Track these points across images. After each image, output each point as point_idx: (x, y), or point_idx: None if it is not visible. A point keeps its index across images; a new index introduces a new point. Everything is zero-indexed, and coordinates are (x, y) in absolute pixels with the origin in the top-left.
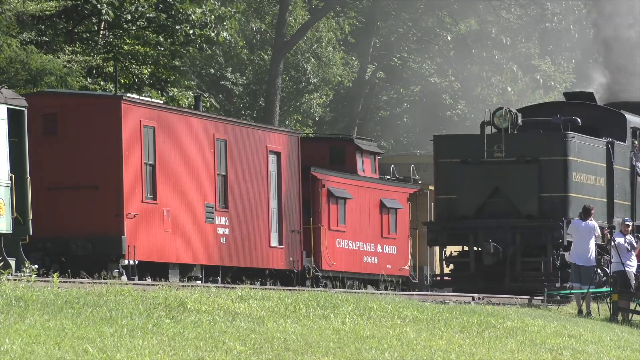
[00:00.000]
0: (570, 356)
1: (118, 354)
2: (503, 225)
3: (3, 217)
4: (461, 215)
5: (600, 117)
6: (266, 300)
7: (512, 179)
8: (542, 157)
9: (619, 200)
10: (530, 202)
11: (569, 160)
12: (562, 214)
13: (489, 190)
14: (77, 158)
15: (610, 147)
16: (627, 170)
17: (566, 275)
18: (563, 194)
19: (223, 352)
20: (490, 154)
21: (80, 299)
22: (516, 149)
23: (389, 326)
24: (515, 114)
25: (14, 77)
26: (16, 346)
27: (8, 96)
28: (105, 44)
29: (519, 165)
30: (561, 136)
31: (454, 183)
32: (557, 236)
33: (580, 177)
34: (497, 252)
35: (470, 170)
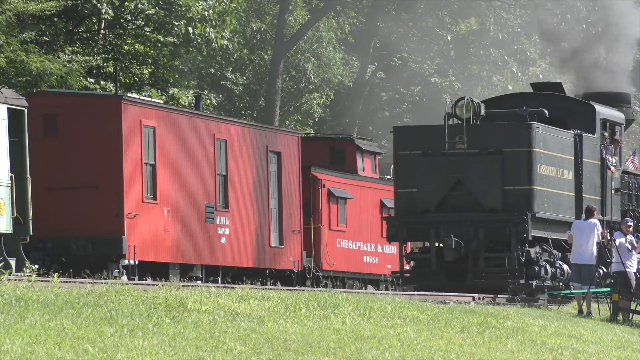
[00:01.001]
0: (570, 356)
1: (118, 354)
2: (465, 219)
3: (3, 217)
4: (422, 209)
5: (569, 108)
6: (266, 300)
7: (474, 171)
8: (506, 149)
9: (588, 195)
10: (494, 196)
11: (533, 152)
12: (527, 208)
13: (451, 183)
14: (77, 158)
15: (579, 140)
16: (596, 164)
17: (532, 272)
18: (527, 187)
19: (223, 352)
20: (451, 145)
21: (80, 299)
22: (479, 140)
23: (389, 326)
24: (477, 104)
25: (14, 77)
26: (16, 346)
27: (8, 96)
28: (105, 43)
29: (482, 157)
30: (525, 127)
31: (414, 176)
32: (521, 231)
33: (546, 169)
34: (459, 247)
35: (431, 162)
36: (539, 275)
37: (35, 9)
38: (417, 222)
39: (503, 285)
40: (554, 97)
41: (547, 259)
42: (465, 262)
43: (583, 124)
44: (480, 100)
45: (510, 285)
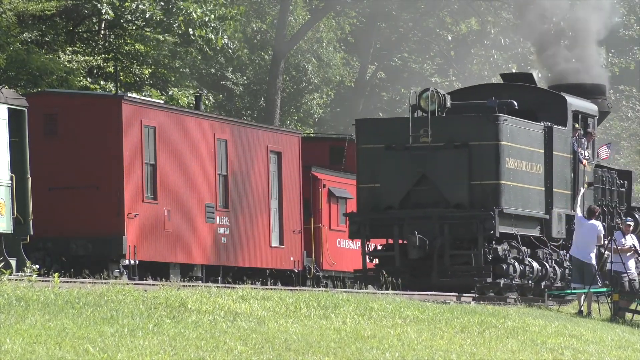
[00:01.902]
0: (571, 356)
1: (119, 353)
2: (430, 215)
3: (4, 217)
4: (385, 205)
5: (540, 100)
6: (267, 300)
7: (439, 165)
8: (472, 142)
9: (558, 189)
10: (460, 191)
11: (501, 145)
12: (494, 203)
13: (415, 178)
14: (77, 158)
15: (549, 132)
16: (567, 157)
17: (499, 270)
18: (495, 182)
19: (224, 352)
20: (416, 138)
21: (81, 299)
22: (444, 133)
23: (389, 326)
24: (443, 96)
25: (14, 76)
26: (17, 346)
27: (9, 96)
28: (105, 43)
29: (447, 150)
30: (492, 119)
31: (377, 171)
32: (488, 227)
33: (515, 163)
34: (424, 244)
35: (394, 156)
36: (507, 274)
37: (35, 9)
38: (380, 219)
39: (469, 283)
40: (524, 89)
41: (516, 257)
42: (431, 260)
43: (554, 116)
44: (447, 91)
45: (477, 284)
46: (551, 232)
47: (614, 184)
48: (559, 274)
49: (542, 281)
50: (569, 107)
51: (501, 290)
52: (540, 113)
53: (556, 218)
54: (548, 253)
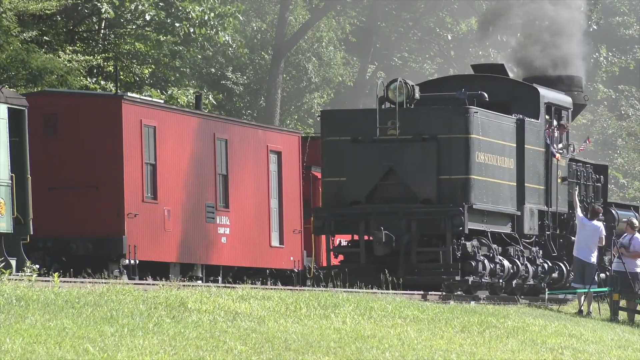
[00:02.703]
0: (571, 356)
1: (119, 353)
2: (397, 211)
3: (4, 216)
4: (351, 200)
5: (512, 91)
6: (267, 300)
7: (407, 159)
8: (441, 135)
9: (531, 184)
10: (428, 185)
11: (471, 139)
12: (463, 199)
13: (382, 171)
14: (77, 158)
15: (521, 125)
16: (540, 151)
17: (468, 268)
18: (464, 176)
19: (224, 351)
20: (383, 131)
21: (81, 299)
22: (413, 125)
23: (389, 326)
24: (412, 87)
25: (14, 76)
26: (17, 346)
27: (9, 96)
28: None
29: (415, 143)
30: (462, 111)
31: (343, 164)
32: (457, 223)
33: (485, 157)
34: (390, 241)
35: (361, 149)
36: (476, 271)
37: (35, 8)
38: (346, 214)
39: (437, 281)
40: (495, 80)
41: (486, 254)
42: (397, 257)
43: (526, 108)
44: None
45: (444, 282)
46: (523, 228)
47: (589, 179)
48: (531, 272)
49: (514, 279)
50: (541, 99)
51: (470, 288)
52: (512, 105)
53: (528, 214)
54: (520, 250)
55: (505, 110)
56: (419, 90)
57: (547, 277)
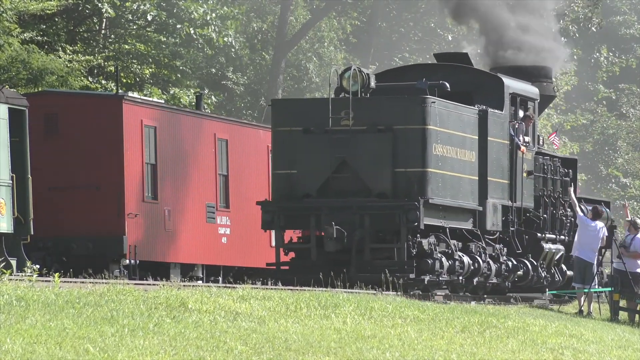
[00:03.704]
0: (571, 356)
1: (119, 353)
2: (349, 205)
3: (4, 216)
4: (302, 193)
5: (475, 81)
6: (267, 300)
7: (361, 151)
8: (397, 126)
9: (494, 178)
10: (383, 179)
11: (428, 130)
12: (420, 193)
13: (335, 164)
14: (78, 158)
15: (483, 116)
16: (504, 143)
17: (424, 266)
18: (421, 169)
19: (224, 352)
20: (336, 121)
21: (81, 299)
22: (367, 116)
23: (390, 326)
24: (367, 75)
25: (15, 76)
26: (17, 346)
27: (9, 96)
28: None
29: (370, 134)
30: (419, 101)
31: (294, 156)
32: (412, 219)
33: (444, 149)
34: (342, 237)
35: (312, 140)
36: (433, 269)
37: (36, 8)
38: (296, 208)
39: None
40: (458, 69)
41: (444, 251)
42: (349, 253)
43: (490, 99)
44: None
45: (399, 281)
46: (485, 224)
47: (556, 173)
48: (493, 269)
49: (475, 277)
50: (506, 89)
51: (427, 287)
52: (475, 95)
53: (491, 209)
54: (482, 247)
55: (468, 100)
56: (375, 79)
57: (511, 275)
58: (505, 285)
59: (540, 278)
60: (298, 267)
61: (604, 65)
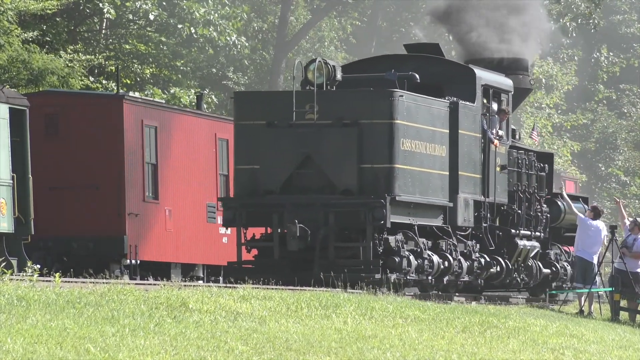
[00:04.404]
0: (572, 356)
1: (120, 353)
2: (313, 202)
3: (5, 216)
4: (265, 190)
5: (446, 73)
6: (268, 300)
7: (326, 146)
8: (363, 120)
9: (465, 173)
10: (348, 175)
11: (395, 124)
12: (386, 190)
13: (298, 159)
14: (78, 158)
15: (454, 109)
16: (476, 137)
17: (392, 264)
18: (388, 165)
19: (225, 352)
20: (300, 115)
21: (82, 299)
22: (333, 109)
23: (390, 326)
24: (333, 67)
25: (15, 76)
26: (18, 346)
27: (10, 96)
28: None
29: (335, 129)
30: (386, 94)
31: (257, 150)
32: (378, 216)
33: (412, 144)
34: (305, 235)
35: (276, 135)
36: (400, 268)
37: (36, 8)
38: (259, 205)
39: (356, 279)
40: (429, 60)
41: (413, 249)
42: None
43: (462, 90)
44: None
45: (365, 280)
46: (456, 220)
47: (531, 167)
48: (465, 267)
49: (445, 276)
50: (478, 81)
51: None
52: (446, 87)
53: (462, 204)
54: (452, 244)
55: (438, 92)
56: (344, 70)
57: (484, 273)
58: (478, 283)
59: (514, 276)
60: (260, 266)
61: (604, 65)
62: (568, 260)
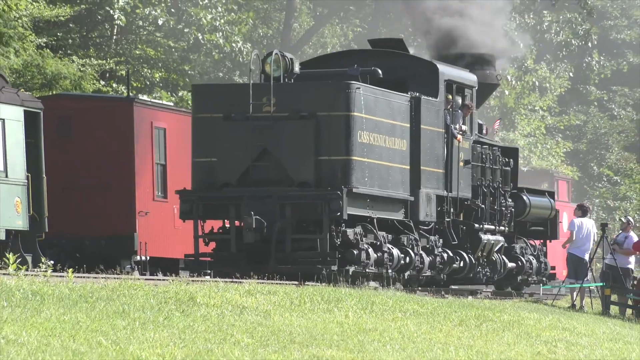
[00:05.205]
0: (564, 348)
1: (130, 346)
2: (270, 195)
3: (20, 214)
4: (222, 182)
5: (410, 68)
6: (272, 294)
7: (283, 138)
8: (320, 113)
9: (427, 168)
10: (305, 167)
11: (352, 117)
12: (343, 182)
13: (256, 152)
14: (90, 158)
15: (416, 104)
16: (439, 132)
17: (350, 257)
18: (345, 158)
19: (231, 344)
20: (257, 108)
21: (94, 294)
22: (290, 102)
23: (390, 319)
24: (290, 60)
25: (30, 80)
26: (33, 338)
27: (25, 99)
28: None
29: (293, 121)
30: (343, 87)
31: (214, 143)
32: (334, 208)
33: (371, 137)
34: (261, 227)
35: (233, 127)
36: (359, 260)
37: (50, 15)
38: (216, 198)
39: (313, 271)
40: (393, 56)
41: (372, 242)
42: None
43: (425, 86)
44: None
45: (323, 272)
46: (418, 215)
47: (496, 162)
48: (427, 262)
49: (406, 270)
50: (440, 76)
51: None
52: (410, 83)
53: (424, 199)
54: (414, 239)
55: (402, 88)
56: (306, 66)
57: (447, 267)
58: (441, 278)
59: (478, 270)
60: (218, 258)
61: (596, 68)
62: (534, 254)
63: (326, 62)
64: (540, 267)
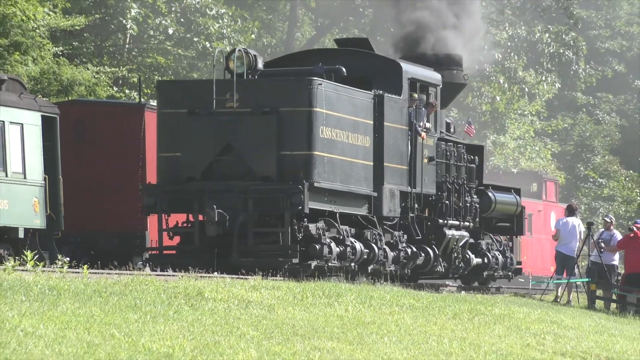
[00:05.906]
0: (552, 340)
1: (142, 338)
2: (232, 188)
3: (38, 214)
4: (186, 176)
5: (374, 67)
6: (276, 289)
7: (246, 133)
8: (283, 108)
9: (391, 164)
10: (268, 162)
11: (314, 112)
12: (305, 176)
13: (219, 147)
14: (104, 161)
15: (379, 101)
16: (403, 129)
17: (312, 251)
18: (307, 152)
19: (237, 336)
20: (220, 103)
21: (107, 289)
22: (253, 98)
23: (388, 313)
24: (253, 57)
25: (47, 87)
26: (49, 331)
27: (42, 104)
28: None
29: (255, 117)
30: (305, 83)
31: (178, 138)
32: (296, 202)
33: (333, 133)
34: (223, 220)
35: (197, 123)
36: (321, 254)
37: (66, 25)
38: (180, 192)
39: (275, 265)
40: (358, 55)
41: (335, 237)
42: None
43: (389, 84)
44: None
45: (283, 265)
46: (382, 210)
47: (461, 159)
48: (390, 257)
49: (370, 264)
50: (404, 74)
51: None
52: (374, 81)
53: (387, 195)
54: (377, 234)
55: (366, 86)
56: (271, 64)
57: (410, 262)
58: (405, 273)
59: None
60: (181, 252)
61: (582, 76)
62: (500, 250)
63: (292, 61)
64: (506, 262)
